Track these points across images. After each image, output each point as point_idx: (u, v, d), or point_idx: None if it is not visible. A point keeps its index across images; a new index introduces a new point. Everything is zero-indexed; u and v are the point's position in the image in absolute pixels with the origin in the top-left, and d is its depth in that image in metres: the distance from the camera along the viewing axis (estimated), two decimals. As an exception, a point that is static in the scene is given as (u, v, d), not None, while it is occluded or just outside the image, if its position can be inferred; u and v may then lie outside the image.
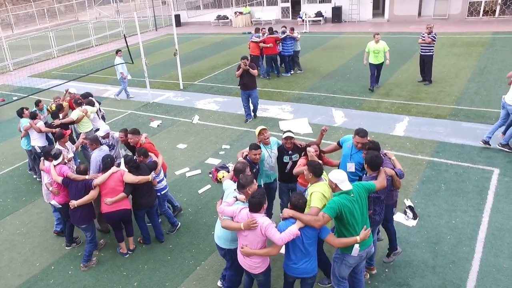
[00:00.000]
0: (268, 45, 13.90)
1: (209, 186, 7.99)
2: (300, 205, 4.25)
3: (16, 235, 7.24)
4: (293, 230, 4.11)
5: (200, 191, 7.87)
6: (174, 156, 9.44)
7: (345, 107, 11.27)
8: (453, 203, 6.76)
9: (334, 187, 4.36)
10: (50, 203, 6.58)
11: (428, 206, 6.77)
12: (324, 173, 5.03)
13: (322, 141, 6.19)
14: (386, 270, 5.51)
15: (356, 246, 4.25)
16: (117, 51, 13.41)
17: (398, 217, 6.48)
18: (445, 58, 14.87)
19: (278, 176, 6.34)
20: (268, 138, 6.03)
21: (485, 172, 7.52)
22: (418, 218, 6.48)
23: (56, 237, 7.02)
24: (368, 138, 5.53)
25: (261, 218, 4.28)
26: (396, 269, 5.52)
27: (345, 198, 4.22)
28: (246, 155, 5.66)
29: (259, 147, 5.69)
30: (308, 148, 5.49)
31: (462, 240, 5.93)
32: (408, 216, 6.52)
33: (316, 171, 4.76)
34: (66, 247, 6.71)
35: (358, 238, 4.20)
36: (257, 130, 6.08)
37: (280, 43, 14.20)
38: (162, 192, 6.54)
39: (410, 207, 6.64)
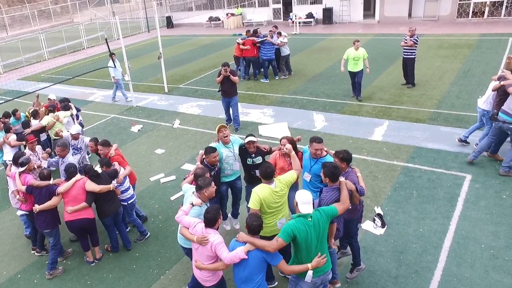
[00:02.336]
0: (246, 47, 13.85)
1: (181, 193, 7.87)
2: (254, 228, 4.17)
3: (-14, 242, 7.23)
4: (239, 253, 4.08)
5: (172, 198, 7.84)
6: (151, 161, 9.40)
7: (326, 111, 11.23)
8: (422, 211, 6.72)
9: (295, 206, 4.31)
10: (15, 207, 6.64)
11: (398, 213, 6.73)
12: (280, 177, 4.97)
13: (299, 145, 6.05)
14: (348, 280, 5.47)
15: (310, 272, 4.17)
16: (111, 54, 13.29)
17: (367, 225, 6.45)
18: (430, 60, 14.82)
19: (245, 177, 6.32)
20: (227, 136, 6.03)
21: (458, 178, 7.48)
22: (386, 226, 6.45)
23: (26, 245, 6.99)
24: (325, 148, 5.49)
25: (213, 236, 4.34)
26: (359, 279, 5.47)
27: (301, 222, 4.11)
28: (203, 159, 5.68)
29: (215, 149, 5.74)
30: (287, 146, 5.42)
31: (428, 248, 5.89)
32: (376, 224, 6.48)
33: (262, 174, 4.84)
34: (36, 253, 6.70)
35: (309, 265, 4.12)
36: (217, 128, 6.11)
37: (259, 47, 13.93)
38: (129, 202, 6.50)
39: (379, 215, 6.60)
